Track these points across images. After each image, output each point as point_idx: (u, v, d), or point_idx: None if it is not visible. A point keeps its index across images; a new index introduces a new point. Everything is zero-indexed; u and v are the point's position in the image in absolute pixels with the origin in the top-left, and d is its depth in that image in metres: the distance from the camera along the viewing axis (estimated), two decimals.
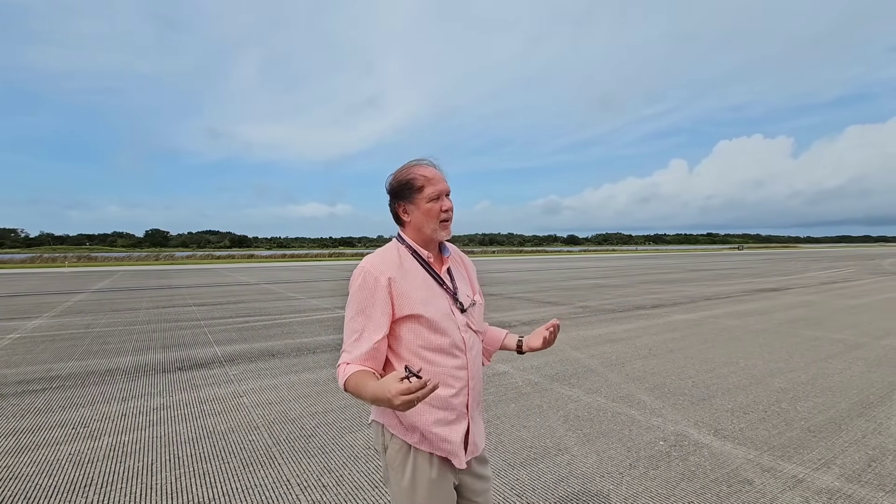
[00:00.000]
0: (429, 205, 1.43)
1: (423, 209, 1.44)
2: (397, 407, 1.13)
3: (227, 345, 6.91)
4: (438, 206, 1.42)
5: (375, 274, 1.38)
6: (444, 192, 1.44)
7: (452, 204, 1.48)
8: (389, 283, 1.38)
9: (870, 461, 3.11)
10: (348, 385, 1.32)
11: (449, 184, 1.52)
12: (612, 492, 2.76)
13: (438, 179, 1.44)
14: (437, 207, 1.42)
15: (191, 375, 5.29)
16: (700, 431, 3.62)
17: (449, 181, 1.51)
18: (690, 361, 5.70)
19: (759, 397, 4.39)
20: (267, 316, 9.76)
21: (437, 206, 1.42)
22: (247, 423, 3.86)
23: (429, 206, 1.43)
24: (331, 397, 4.48)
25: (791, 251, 75.17)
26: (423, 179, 1.43)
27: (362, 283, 1.38)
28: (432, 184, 1.43)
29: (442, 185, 1.44)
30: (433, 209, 1.42)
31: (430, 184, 1.43)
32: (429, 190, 1.42)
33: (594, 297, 12.46)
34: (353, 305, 1.39)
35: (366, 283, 1.38)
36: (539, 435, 3.58)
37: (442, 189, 1.44)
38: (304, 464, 3.13)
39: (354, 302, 1.39)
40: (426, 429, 1.39)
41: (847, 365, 5.49)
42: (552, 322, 1.58)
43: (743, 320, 8.66)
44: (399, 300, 1.38)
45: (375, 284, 1.37)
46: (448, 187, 1.47)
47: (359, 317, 1.37)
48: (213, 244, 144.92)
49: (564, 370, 5.35)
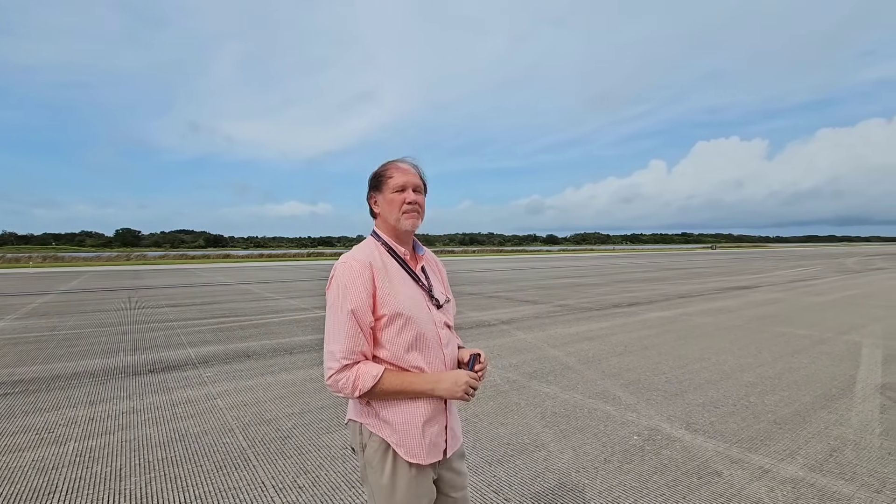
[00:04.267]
0: (393, 195, 1.47)
1: (387, 198, 1.48)
2: (461, 397, 1.37)
3: (202, 346, 6.76)
4: (402, 197, 1.46)
5: (356, 267, 1.38)
6: (410, 184, 1.47)
7: (421, 200, 1.50)
8: (371, 275, 1.39)
9: (831, 451, 3.24)
10: (385, 383, 1.33)
11: (428, 184, 1.57)
12: (587, 486, 2.80)
13: (408, 173, 1.48)
14: (400, 198, 1.46)
15: (163, 378, 5.16)
16: (673, 426, 3.70)
17: (432, 180, 1.59)
18: (664, 358, 5.83)
19: (729, 392, 4.52)
20: (243, 316, 9.58)
21: (400, 197, 1.46)
22: (221, 425, 3.79)
23: (392, 196, 1.47)
24: (308, 398, 4.42)
25: (761, 250, 77.64)
26: (393, 171, 1.49)
27: (342, 276, 1.37)
28: (400, 176, 1.47)
29: (410, 178, 1.47)
30: (396, 199, 1.46)
31: (398, 176, 1.47)
32: (395, 181, 1.47)
33: (572, 296, 12.62)
34: (336, 302, 1.35)
35: (347, 276, 1.36)
36: (516, 432, 3.61)
37: (408, 181, 1.47)
38: (280, 465, 3.08)
39: (338, 298, 1.35)
40: (407, 425, 1.39)
41: (812, 360, 5.70)
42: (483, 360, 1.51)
43: (715, 317, 8.91)
44: (379, 293, 1.38)
45: (359, 275, 1.37)
46: (418, 182, 1.49)
47: (344, 312, 1.33)
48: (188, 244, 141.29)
49: (542, 368, 5.41)
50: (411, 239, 1.57)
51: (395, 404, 1.39)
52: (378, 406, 1.40)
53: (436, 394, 1.38)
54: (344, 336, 1.33)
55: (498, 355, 6.03)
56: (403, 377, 1.37)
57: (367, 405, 1.42)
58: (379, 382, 1.33)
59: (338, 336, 1.33)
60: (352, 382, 1.32)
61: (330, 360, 1.34)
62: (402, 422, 1.39)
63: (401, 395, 1.37)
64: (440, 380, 1.38)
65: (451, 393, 1.37)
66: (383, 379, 1.33)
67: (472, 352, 1.51)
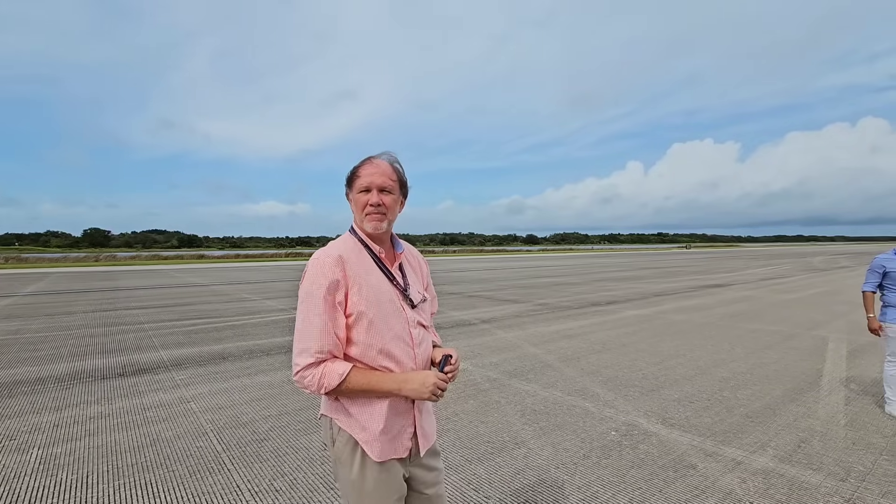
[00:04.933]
0: (358, 195, 1.44)
1: (354, 198, 1.47)
2: (428, 398, 1.35)
3: (175, 348, 6.58)
4: (366, 199, 1.42)
5: (329, 263, 1.35)
6: (375, 185, 1.42)
7: (388, 201, 1.44)
8: (344, 272, 1.36)
9: (800, 442, 3.34)
10: (351, 382, 1.32)
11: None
12: (566, 482, 2.82)
13: (376, 173, 1.43)
14: (364, 199, 1.43)
15: (133, 381, 4.99)
16: (649, 420, 3.77)
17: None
18: (641, 355, 5.93)
19: (704, 387, 4.63)
20: (218, 318, 9.36)
21: (364, 198, 1.43)
22: (195, 429, 3.68)
23: (358, 197, 1.45)
24: (286, 400, 4.34)
25: (733, 249, 79.95)
26: (362, 170, 1.45)
27: (315, 272, 1.35)
28: (366, 176, 1.43)
29: (376, 179, 1.42)
30: (360, 200, 1.44)
31: (364, 175, 1.43)
32: (361, 181, 1.44)
33: (552, 295, 12.75)
34: (308, 297, 1.34)
35: (320, 272, 1.34)
36: (497, 430, 3.62)
37: (373, 182, 1.42)
38: (256, 469, 3.01)
39: (310, 293, 1.33)
40: (373, 422, 1.37)
41: (782, 355, 5.89)
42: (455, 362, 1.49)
43: (689, 315, 9.12)
44: (351, 291, 1.36)
45: (331, 271, 1.34)
46: (385, 182, 1.43)
47: (315, 308, 1.32)
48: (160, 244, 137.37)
49: (523, 366, 5.44)
50: (388, 236, 1.54)
51: (362, 401, 1.38)
52: (346, 402, 1.39)
53: (402, 394, 1.36)
54: (314, 333, 1.31)
55: (478, 354, 6.04)
56: (370, 376, 1.35)
57: (335, 401, 1.40)
58: (345, 381, 1.31)
59: (308, 332, 1.32)
60: (318, 380, 1.31)
61: (298, 356, 1.33)
62: (369, 419, 1.37)
63: (367, 393, 1.36)
64: (408, 380, 1.36)
65: (418, 394, 1.35)
66: (349, 377, 1.32)
67: (445, 352, 1.48)
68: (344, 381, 1.31)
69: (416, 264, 1.63)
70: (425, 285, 1.63)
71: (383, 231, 1.46)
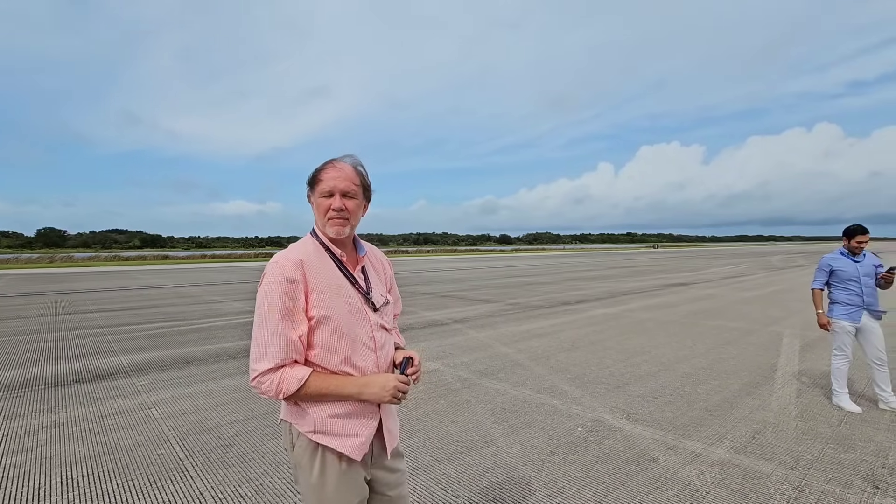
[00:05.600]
0: (321, 199, 1.42)
1: (316, 202, 1.44)
2: (389, 401, 1.35)
3: (136, 353, 6.34)
4: (328, 203, 1.40)
5: (289, 266, 1.34)
6: (338, 189, 1.40)
7: (351, 206, 1.42)
8: (304, 275, 1.35)
9: (754, 434, 3.50)
10: (310, 387, 1.31)
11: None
12: (533, 479, 2.88)
13: (339, 178, 1.40)
14: (326, 203, 1.41)
15: (91, 388, 4.79)
16: (615, 416, 3.87)
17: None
18: (609, 352, 6.08)
19: (667, 382, 4.79)
20: (183, 321, 9.08)
21: (327, 202, 1.40)
22: (156, 436, 3.57)
23: (320, 201, 1.42)
24: (253, 404, 4.26)
25: (698, 249, 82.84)
26: (325, 174, 1.42)
27: (274, 276, 1.33)
28: (329, 180, 1.40)
29: (338, 183, 1.40)
30: (323, 204, 1.41)
31: (327, 179, 1.41)
32: (323, 185, 1.41)
33: (523, 295, 12.92)
34: (266, 301, 1.32)
35: (279, 275, 1.32)
36: (467, 429, 3.65)
37: (335, 186, 1.39)
38: (221, 475, 2.94)
39: (268, 297, 1.32)
40: (336, 426, 1.37)
41: (741, 350, 6.15)
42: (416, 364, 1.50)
43: (655, 313, 9.41)
44: (311, 295, 1.35)
45: (291, 275, 1.32)
46: (348, 187, 1.41)
47: (274, 312, 1.30)
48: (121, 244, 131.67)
49: (493, 365, 5.50)
50: (351, 240, 1.52)
51: (322, 404, 1.37)
52: (306, 406, 1.38)
53: (363, 398, 1.36)
54: (271, 337, 1.30)
55: (450, 354, 6.06)
56: (330, 381, 1.34)
57: (295, 405, 1.39)
58: (304, 386, 1.31)
59: (265, 337, 1.30)
60: (276, 385, 1.29)
61: (256, 361, 1.31)
62: (329, 422, 1.37)
63: (326, 398, 1.35)
64: (368, 383, 1.36)
65: (379, 397, 1.35)
66: (308, 382, 1.31)
67: (406, 354, 1.49)
68: (303, 386, 1.30)
69: (380, 267, 1.63)
70: (388, 287, 1.62)
71: (346, 236, 1.45)
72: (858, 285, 4.05)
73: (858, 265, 4.09)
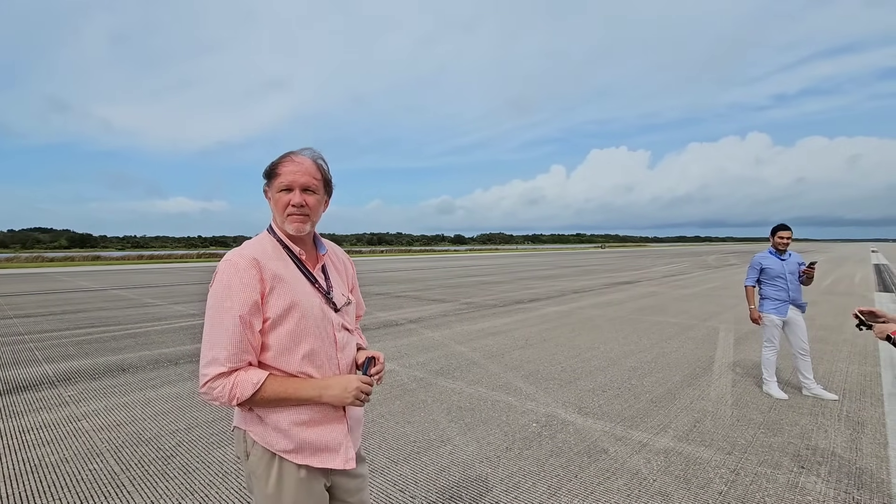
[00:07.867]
0: (279, 194, 1.34)
1: (274, 197, 1.36)
2: (351, 404, 1.31)
3: (62, 361, 5.83)
4: (288, 199, 1.33)
5: (243, 264, 1.26)
6: (297, 184, 1.33)
7: (311, 201, 1.36)
8: (260, 274, 1.27)
9: (695, 423, 3.71)
10: (267, 391, 1.24)
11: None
12: (490, 475, 2.90)
13: (298, 172, 1.33)
14: (286, 199, 1.33)
15: (9, 401, 4.36)
16: (567, 411, 3.98)
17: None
18: (560, 349, 6.26)
19: (615, 376, 4.98)
20: (116, 326, 8.45)
21: (286, 198, 1.33)
22: (86, 450, 3.29)
23: (279, 196, 1.35)
24: (196, 412, 4.02)
25: (642, 249, 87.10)
26: (283, 167, 1.34)
27: (228, 274, 1.25)
28: (288, 174, 1.33)
29: (298, 178, 1.33)
30: (282, 199, 1.34)
31: (286, 173, 1.33)
32: (281, 179, 1.33)
33: (478, 294, 13.06)
34: (218, 301, 1.24)
35: (232, 273, 1.24)
36: (423, 429, 3.63)
37: (295, 181, 1.33)
38: (162, 488, 2.76)
39: (221, 297, 1.24)
40: (298, 432, 1.30)
41: (681, 344, 6.51)
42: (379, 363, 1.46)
43: (603, 310, 9.79)
44: (267, 295, 1.27)
45: (245, 274, 1.24)
46: (308, 181, 1.34)
47: (227, 312, 1.22)
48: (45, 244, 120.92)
49: (449, 364, 5.51)
50: (311, 237, 1.45)
51: (281, 411, 1.30)
52: (262, 412, 1.30)
53: (323, 400, 1.29)
54: (224, 340, 1.22)
55: (405, 354, 6.02)
56: (288, 384, 1.27)
57: (249, 411, 1.31)
58: (260, 390, 1.23)
59: (217, 340, 1.22)
60: (228, 391, 1.21)
61: (206, 365, 1.22)
62: (296, 433, 1.30)
63: (284, 402, 1.28)
64: (328, 385, 1.30)
65: (341, 400, 1.30)
66: (265, 386, 1.24)
67: (369, 354, 1.44)
68: (258, 390, 1.23)
69: (341, 266, 1.57)
70: (350, 287, 1.56)
71: (306, 233, 1.38)
72: (785, 282, 4.40)
73: (784, 263, 4.44)
